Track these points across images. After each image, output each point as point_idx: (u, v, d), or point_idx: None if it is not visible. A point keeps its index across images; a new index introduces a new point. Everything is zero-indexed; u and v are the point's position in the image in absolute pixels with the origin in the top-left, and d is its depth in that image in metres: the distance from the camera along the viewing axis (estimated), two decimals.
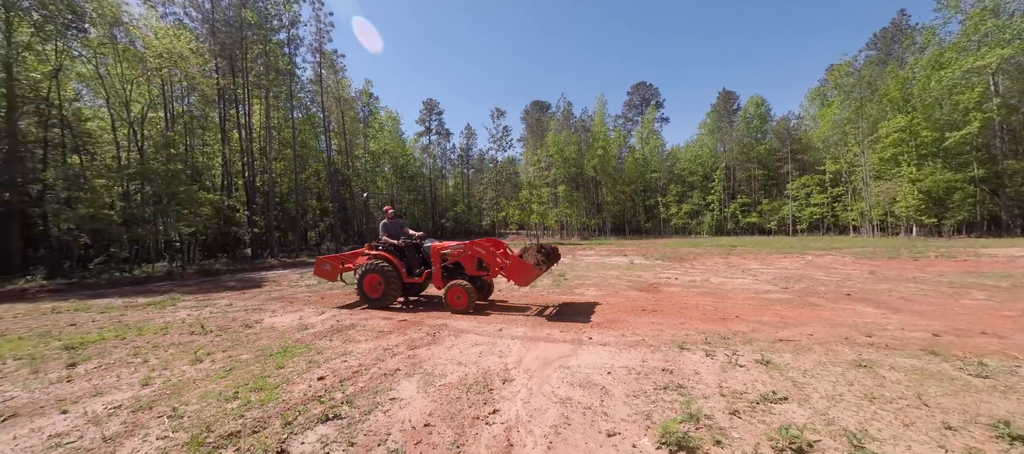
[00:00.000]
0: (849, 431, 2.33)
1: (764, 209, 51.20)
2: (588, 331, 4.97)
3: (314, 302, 7.93)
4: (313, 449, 2.45)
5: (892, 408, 2.62)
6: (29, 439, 2.71)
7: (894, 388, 2.92)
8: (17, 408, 3.23)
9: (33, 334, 5.73)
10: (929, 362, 3.44)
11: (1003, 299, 6.06)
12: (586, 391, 3.16)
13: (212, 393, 3.35)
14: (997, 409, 2.55)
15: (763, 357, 3.65)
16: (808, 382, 3.10)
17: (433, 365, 3.93)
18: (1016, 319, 4.90)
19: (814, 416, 2.55)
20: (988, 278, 8.02)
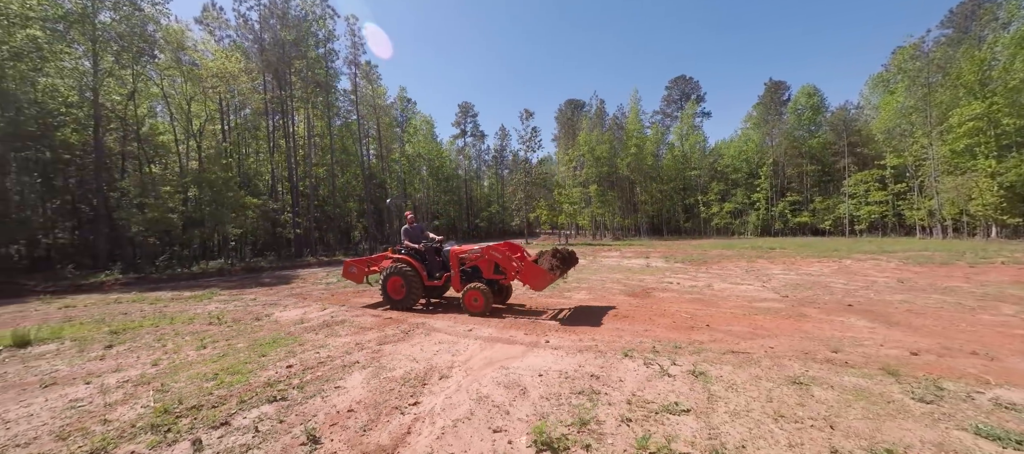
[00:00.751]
0: (725, 447, 2.39)
1: (817, 208, 47.29)
2: (549, 334, 5.15)
3: (325, 299, 8.70)
4: (250, 423, 2.92)
5: (791, 428, 2.61)
6: (56, 402, 3.44)
7: (813, 408, 2.87)
8: (57, 378, 4.04)
9: (92, 320, 6.89)
10: (878, 383, 3.28)
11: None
12: (507, 391, 3.40)
13: (199, 374, 3.98)
14: (908, 436, 2.44)
15: (698, 369, 3.67)
16: (726, 396, 3.12)
17: (390, 360, 4.34)
18: (1015, 336, 4.42)
19: (702, 430, 2.62)
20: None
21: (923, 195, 33.18)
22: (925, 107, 30.81)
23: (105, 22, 18.49)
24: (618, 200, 54.87)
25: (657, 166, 59.77)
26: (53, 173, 18.31)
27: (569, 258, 6.74)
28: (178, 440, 2.72)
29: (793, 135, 50.89)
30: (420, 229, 7.72)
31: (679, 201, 61.23)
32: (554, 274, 6.06)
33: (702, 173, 58.85)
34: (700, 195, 58.02)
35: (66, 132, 17.96)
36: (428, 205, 62.17)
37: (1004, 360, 3.76)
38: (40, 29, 16.18)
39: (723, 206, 54.20)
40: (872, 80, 43.96)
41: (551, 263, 6.22)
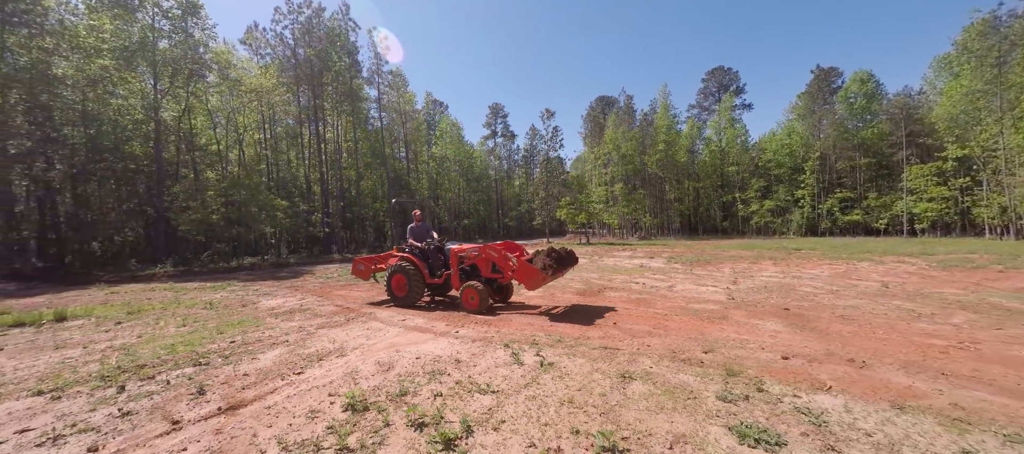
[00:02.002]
0: (489, 420, 2.84)
1: (871, 205, 43.20)
2: (462, 326, 5.70)
3: (313, 292, 9.80)
4: (167, 379, 3.80)
5: (565, 411, 2.87)
6: (55, 358, 4.57)
7: (610, 398, 3.08)
8: (67, 343, 5.25)
9: (122, 303, 8.40)
10: (703, 382, 3.42)
11: (975, 325, 5.14)
12: (378, 367, 4.03)
13: (163, 345, 4.99)
14: (660, 426, 2.59)
15: (550, 359, 4.04)
16: (544, 383, 3.49)
17: (314, 341, 5.12)
18: (928, 346, 4.29)
19: (487, 407, 3.06)
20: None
21: (994, 190, 29.39)
22: (996, 89, 27.31)
23: (163, 49, 21.33)
24: (648, 199, 53.31)
25: (693, 162, 57.32)
26: (124, 180, 21.43)
27: (565, 258, 6.59)
28: (111, 386, 3.64)
29: (844, 126, 46.78)
30: (425, 228, 7.89)
31: (716, 199, 58.32)
32: (547, 274, 6.00)
33: (741, 169, 55.57)
34: (738, 192, 54.88)
35: (133, 145, 20.96)
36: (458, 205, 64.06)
37: (876, 369, 3.72)
38: (110, 59, 19.05)
39: (763, 204, 50.89)
40: (937, 62, 39.36)
41: (544, 263, 6.14)
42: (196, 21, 22.96)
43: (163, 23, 21.54)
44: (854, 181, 46.94)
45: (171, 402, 3.32)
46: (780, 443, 2.36)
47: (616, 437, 2.47)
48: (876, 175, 45.50)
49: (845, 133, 46.76)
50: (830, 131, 47.65)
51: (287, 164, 31.05)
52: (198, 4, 22.66)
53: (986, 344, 4.22)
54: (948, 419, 2.62)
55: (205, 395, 3.43)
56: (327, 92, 29.94)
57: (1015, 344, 4.17)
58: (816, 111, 49.68)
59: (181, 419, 3.00)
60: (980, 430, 2.47)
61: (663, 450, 2.33)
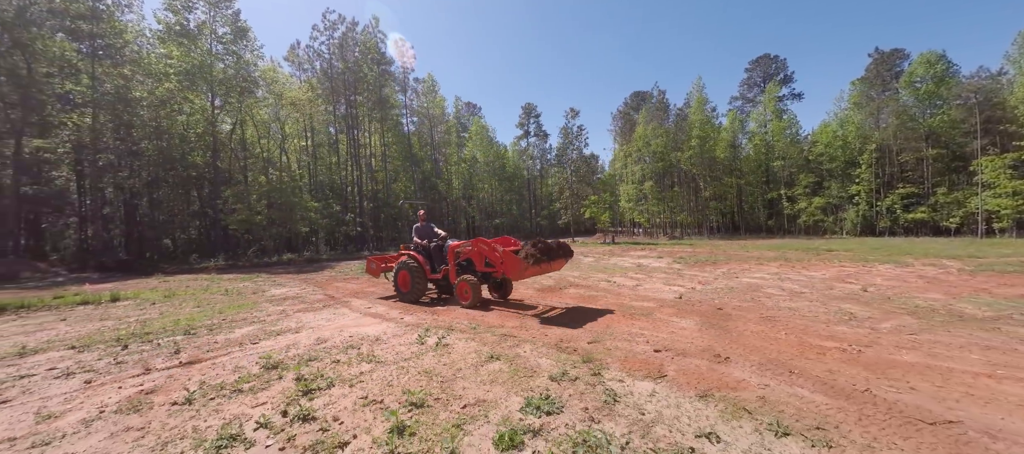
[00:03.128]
0: (347, 375, 3.62)
1: (940, 201, 38.70)
2: (409, 314, 6.53)
3: (317, 284, 11.14)
4: (163, 343, 4.97)
5: (416, 375, 3.65)
6: (94, 326, 5.98)
7: (465, 372, 3.68)
8: (109, 316, 6.74)
9: (166, 289, 10.18)
10: (556, 363, 3.99)
11: (900, 330, 5.07)
12: (316, 341, 4.94)
13: (172, 320, 6.30)
14: (462, 391, 3.20)
15: (443, 341, 4.72)
16: (427, 359, 4.20)
17: (284, 321, 6.19)
18: (815, 347, 4.39)
19: (364, 373, 3.85)
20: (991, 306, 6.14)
21: None
22: None
23: (218, 70, 24.34)
24: (682, 196, 51.27)
25: (735, 158, 54.31)
26: (189, 187, 24.74)
27: (553, 250, 6.51)
28: (119, 345, 4.87)
29: (907, 113, 42.21)
30: (430, 227, 8.14)
31: (760, 196, 54.84)
32: (528, 263, 5.99)
33: (787, 163, 51.69)
34: (784, 189, 51.18)
35: (195, 156, 24.14)
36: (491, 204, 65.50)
37: (732, 364, 3.81)
38: (176, 81, 22.14)
39: (812, 201, 47.07)
40: (1022, 37, 34.40)
41: (527, 253, 6.15)
42: (245, 43, 25.90)
43: (218, 47, 24.59)
44: (920, 175, 42.21)
45: (152, 357, 4.44)
46: (557, 411, 2.89)
47: (428, 396, 3.14)
48: (947, 168, 40.60)
49: (909, 122, 42.17)
50: (891, 120, 43.20)
51: (326, 169, 33.88)
52: (246, 29, 25.56)
53: (879, 348, 4.27)
54: (733, 407, 2.91)
55: (178, 354, 4.53)
56: (360, 101, 32.31)
57: (911, 350, 4.19)
58: (874, 98, 45.20)
59: (152, 367, 4.08)
60: (751, 418, 2.75)
61: (457, 409, 2.97)
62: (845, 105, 48.90)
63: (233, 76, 24.69)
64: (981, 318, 5.36)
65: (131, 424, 2.87)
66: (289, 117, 28.61)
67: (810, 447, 2.36)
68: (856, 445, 2.37)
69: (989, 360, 3.75)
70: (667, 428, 2.61)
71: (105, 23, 20.34)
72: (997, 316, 5.44)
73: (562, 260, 6.78)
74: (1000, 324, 5.03)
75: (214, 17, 24.65)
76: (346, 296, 8.60)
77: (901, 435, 2.48)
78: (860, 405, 2.91)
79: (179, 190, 24.81)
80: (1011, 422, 2.62)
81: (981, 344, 4.23)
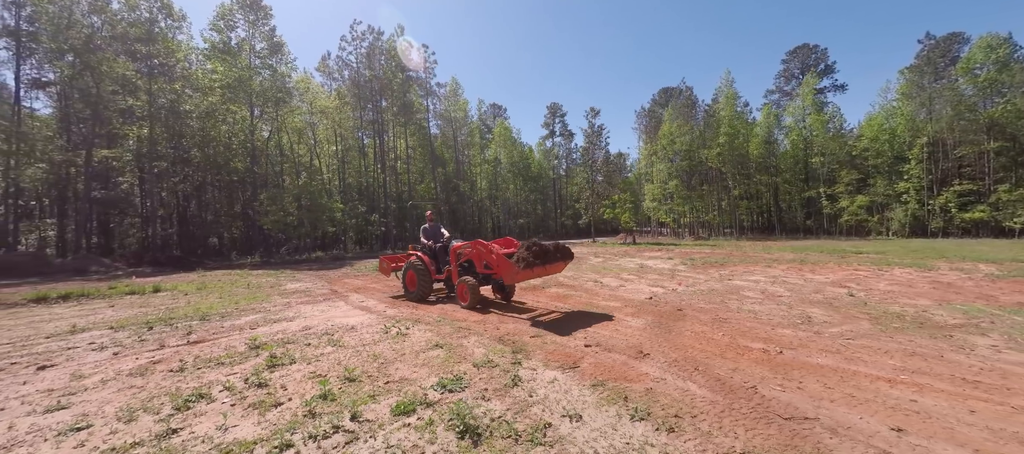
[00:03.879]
0: (309, 355, 4.30)
1: (1002, 199, 35.21)
2: (392, 308, 7.23)
3: (329, 279, 12.18)
4: (180, 326, 5.93)
5: (364, 356, 4.26)
6: (131, 312, 7.12)
7: (395, 353, 4.39)
8: (149, 304, 7.93)
9: (201, 282, 11.56)
10: (481, 350, 4.48)
11: (847, 334, 5.12)
12: (300, 328, 5.71)
13: (194, 308, 7.35)
14: (393, 371, 3.86)
15: (403, 331, 5.36)
16: (380, 342, 4.84)
17: (286, 311, 7.06)
18: (739, 348, 4.57)
19: (325, 355, 4.54)
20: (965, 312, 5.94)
21: None
22: None
23: (256, 83, 26.50)
24: (711, 196, 49.46)
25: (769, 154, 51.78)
26: (231, 190, 27.11)
27: (550, 253, 6.29)
28: (146, 326, 5.88)
29: (965, 103, 38.65)
30: (437, 227, 8.30)
31: (797, 195, 51.98)
32: (519, 266, 5.84)
33: (827, 159, 48.51)
34: (823, 187, 48.13)
35: (237, 161, 26.42)
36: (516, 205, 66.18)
37: (649, 360, 4.02)
38: (220, 94, 24.37)
39: (854, 200, 43.96)
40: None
41: (519, 256, 5.99)
42: (280, 57, 28.00)
43: (256, 61, 26.77)
44: (981, 171, 38.55)
45: (169, 337, 5.38)
46: (459, 389, 3.39)
47: (363, 374, 3.75)
48: (1013, 163, 36.82)
49: (967, 112, 38.62)
50: (946, 111, 39.74)
51: (356, 171, 35.83)
52: (281, 43, 27.65)
53: (802, 351, 4.41)
54: (614, 395, 3.20)
55: (189, 335, 5.44)
56: (386, 107, 33.94)
57: (832, 354, 4.28)
58: (925, 88, 41.65)
59: (165, 345, 4.99)
60: (623, 405, 3.03)
61: (381, 384, 3.55)
62: (892, 96, 45.32)
63: (269, 87, 26.79)
64: (944, 325, 5.29)
65: (134, 384, 3.68)
66: (320, 123, 30.62)
67: (655, 431, 2.73)
68: (699, 432, 2.70)
69: (902, 366, 3.85)
70: (542, 408, 3.06)
71: (159, 44, 22.79)
72: (964, 323, 5.35)
73: (561, 262, 6.56)
74: (957, 331, 4.98)
75: (253, 34, 26.88)
76: (348, 291, 9.48)
77: (747, 427, 2.77)
78: (734, 400, 3.20)
79: (223, 193, 27.23)
80: (864, 422, 2.82)
81: (910, 350, 4.28)
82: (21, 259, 17.10)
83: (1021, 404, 2.94)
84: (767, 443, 2.50)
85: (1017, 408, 2.89)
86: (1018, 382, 3.34)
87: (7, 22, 20.49)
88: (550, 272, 6.50)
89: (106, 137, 21.74)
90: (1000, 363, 3.78)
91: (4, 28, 19.92)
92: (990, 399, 3.04)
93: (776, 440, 2.57)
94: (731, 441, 2.52)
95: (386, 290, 9.59)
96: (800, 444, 2.49)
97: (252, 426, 2.81)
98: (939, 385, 3.32)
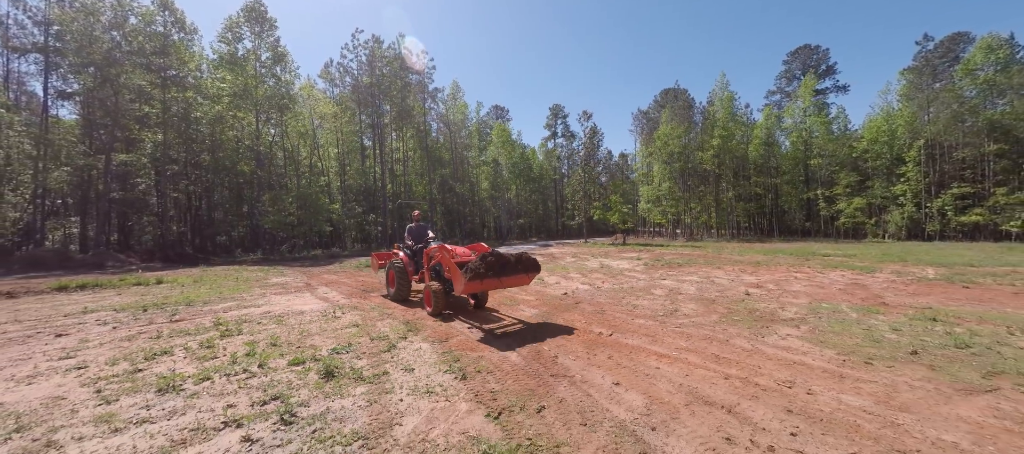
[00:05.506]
0: (253, 330, 5.66)
1: (999, 202, 35.02)
2: (343, 298, 8.59)
3: (310, 275, 13.64)
4: (169, 309, 7.38)
5: (294, 331, 5.62)
6: (134, 298, 8.63)
7: (318, 327, 5.72)
8: (148, 293, 9.46)
9: (200, 275, 13.15)
10: (384, 328, 5.81)
11: (695, 324, 6.16)
12: (262, 313, 7.10)
13: (184, 296, 8.83)
14: (306, 340, 5.24)
15: (337, 314, 6.70)
16: (313, 322, 6.19)
17: (258, 300, 8.47)
18: (581, 331, 5.79)
19: (270, 327, 5.90)
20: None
21: None
22: None
23: (261, 91, 28.30)
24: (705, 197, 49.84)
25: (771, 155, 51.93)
26: (237, 191, 29.01)
27: (506, 266, 5.95)
28: (142, 309, 7.35)
29: (965, 105, 38.41)
30: (423, 228, 8.23)
31: (795, 197, 52.03)
32: (466, 276, 5.58)
33: (825, 161, 48.42)
34: (820, 189, 48.14)
35: (243, 165, 28.29)
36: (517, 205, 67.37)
37: (494, 337, 5.54)
38: (227, 102, 26.21)
39: (851, 202, 43.91)
40: None
41: (470, 267, 5.67)
42: (283, 66, 29.77)
43: (261, 70, 28.58)
44: (981, 174, 38.31)
45: (157, 316, 6.83)
46: (345, 352, 4.69)
47: (284, 342, 5.09)
48: (1015, 166, 36.50)
49: (967, 114, 38.39)
50: (944, 112, 39.54)
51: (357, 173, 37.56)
52: (284, 53, 29.41)
53: (629, 334, 5.57)
54: (450, 359, 4.55)
55: (174, 316, 6.88)
56: (386, 111, 35.54)
57: (643, 336, 5.39)
58: (924, 89, 41.43)
59: (153, 322, 6.43)
60: (452, 365, 4.41)
61: (295, 347, 4.86)
62: (892, 97, 45.10)
63: (273, 95, 28.57)
64: (775, 319, 6.25)
65: (122, 345, 5.09)
66: (321, 128, 32.38)
67: (453, 379, 3.96)
68: (483, 381, 3.88)
69: (687, 346, 4.87)
70: (392, 365, 4.32)
71: (173, 56, 24.70)
72: (792, 318, 6.27)
73: (524, 275, 6.20)
74: (776, 324, 5.96)
75: (259, 45, 28.70)
76: (319, 285, 10.91)
77: (517, 379, 3.86)
78: (533, 365, 4.34)
79: (230, 194, 29.17)
80: (600, 378, 3.81)
81: (710, 337, 5.30)
82: (47, 255, 19.13)
83: (733, 372, 4.04)
84: (516, 386, 3.72)
85: (729, 375, 3.97)
86: (759, 360, 4.38)
87: (36, 39, 22.62)
88: (508, 285, 6.13)
89: (124, 142, 23.76)
90: (768, 348, 4.81)
91: (34, 45, 22.03)
92: (714, 369, 4.14)
93: (524, 385, 3.71)
94: (496, 386, 3.75)
95: (355, 284, 10.97)
96: (536, 388, 3.69)
97: (191, 368, 4.16)
98: (693, 360, 4.43)
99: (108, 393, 3.57)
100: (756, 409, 3.14)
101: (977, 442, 2.62)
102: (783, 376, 3.81)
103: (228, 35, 27.46)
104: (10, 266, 16.84)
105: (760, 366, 4.10)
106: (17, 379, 4.00)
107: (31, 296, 9.56)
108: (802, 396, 3.36)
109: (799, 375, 3.83)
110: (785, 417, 2.99)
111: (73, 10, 22.06)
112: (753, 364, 4.18)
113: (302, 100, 31.93)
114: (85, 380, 3.92)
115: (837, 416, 3.00)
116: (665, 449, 2.61)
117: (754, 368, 4.06)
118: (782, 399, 3.32)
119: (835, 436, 2.72)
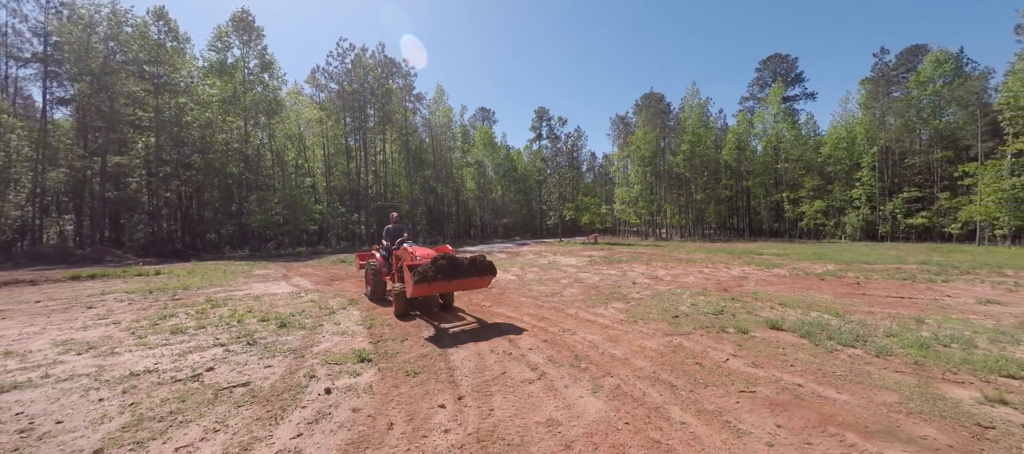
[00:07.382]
0: (223, 307, 7.73)
1: (942, 206, 37.91)
2: (316, 288, 10.67)
3: (290, 269, 15.64)
4: (170, 292, 9.39)
5: (265, 307, 7.71)
6: (137, 285, 10.61)
7: (278, 304, 7.82)
8: (149, 283, 11.43)
9: (190, 267, 15.10)
10: (334, 303, 7.93)
11: (583, 306, 8.35)
12: (244, 296, 9.15)
13: (178, 284, 10.82)
14: (273, 313, 7.35)
15: (300, 293, 8.79)
16: (283, 301, 8.27)
17: (240, 287, 10.49)
18: (476, 304, 7.97)
19: (244, 303, 7.97)
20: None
21: None
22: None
23: (249, 96, 30.03)
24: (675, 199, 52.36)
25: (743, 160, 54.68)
26: (229, 191, 30.75)
27: (458, 270, 5.99)
28: (142, 295, 9.36)
29: (918, 115, 41.27)
30: (401, 229, 8.35)
31: (764, 199, 54.82)
32: (413, 278, 5.60)
33: (792, 165, 51.25)
34: (786, 192, 50.96)
35: (231, 167, 30.04)
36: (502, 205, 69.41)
37: (421, 310, 7.75)
38: (217, 107, 27.94)
39: (813, 204, 46.79)
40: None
41: (421, 269, 5.72)
42: (271, 72, 31.51)
43: (250, 77, 30.31)
44: (930, 179, 41.24)
45: (161, 296, 8.84)
46: (299, 316, 6.80)
47: (252, 311, 7.18)
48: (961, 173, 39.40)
49: (916, 123, 41.30)
50: (895, 122, 42.41)
51: (342, 175, 39.40)
52: (272, 61, 31.16)
53: (512, 306, 7.74)
54: (368, 319, 6.71)
55: (174, 296, 8.90)
56: (369, 115, 37.40)
57: (516, 309, 7.61)
58: (880, 99, 44.28)
59: (159, 300, 8.45)
60: (363, 322, 6.53)
61: (257, 316, 6.95)
62: (853, 105, 47.99)
63: (261, 100, 30.33)
64: (622, 297, 8.48)
65: (139, 313, 7.14)
66: (308, 131, 34.20)
67: (358, 326, 6.09)
68: (367, 333, 6.05)
69: (532, 313, 6.99)
70: (329, 322, 6.44)
71: (166, 65, 26.37)
72: (636, 298, 8.51)
73: (478, 279, 6.22)
74: (617, 299, 8.17)
75: (247, 53, 30.41)
76: (294, 275, 12.94)
77: (387, 334, 6.10)
78: (411, 328, 6.52)
79: (219, 194, 30.90)
80: (446, 327, 6.12)
81: (556, 308, 7.53)
82: (48, 250, 20.83)
83: (541, 325, 6.22)
84: (398, 331, 5.86)
85: (535, 325, 6.15)
86: (570, 322, 6.54)
87: (36, 49, 24.19)
88: (461, 288, 6.19)
89: (118, 144, 25.41)
90: (586, 315, 6.91)
91: (34, 55, 23.62)
92: (532, 324, 6.30)
93: (404, 331, 5.89)
94: (386, 332, 5.87)
95: (325, 276, 13.00)
96: (410, 331, 5.84)
97: (192, 324, 6.24)
98: (526, 319, 6.57)
99: (140, 332, 5.67)
100: (527, 340, 5.31)
101: (634, 354, 4.79)
102: (569, 326, 5.99)
103: (218, 44, 29.15)
104: (17, 260, 18.57)
105: (564, 322, 6.28)
106: (75, 329, 6.05)
107: (51, 284, 11.48)
108: (565, 336, 5.52)
109: (581, 327, 6.00)
110: (540, 345, 5.14)
111: (71, 22, 23.66)
112: (561, 322, 6.36)
113: (289, 104, 33.69)
114: (122, 329, 5.99)
115: (568, 341, 5.18)
116: (472, 348, 4.78)
117: (559, 323, 6.24)
118: (549, 336, 5.48)
119: (558, 350, 4.88)
